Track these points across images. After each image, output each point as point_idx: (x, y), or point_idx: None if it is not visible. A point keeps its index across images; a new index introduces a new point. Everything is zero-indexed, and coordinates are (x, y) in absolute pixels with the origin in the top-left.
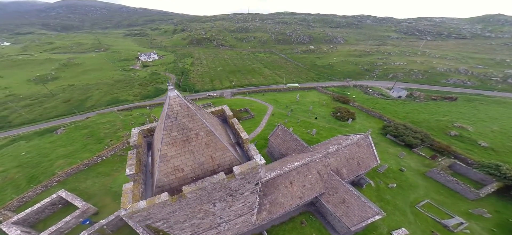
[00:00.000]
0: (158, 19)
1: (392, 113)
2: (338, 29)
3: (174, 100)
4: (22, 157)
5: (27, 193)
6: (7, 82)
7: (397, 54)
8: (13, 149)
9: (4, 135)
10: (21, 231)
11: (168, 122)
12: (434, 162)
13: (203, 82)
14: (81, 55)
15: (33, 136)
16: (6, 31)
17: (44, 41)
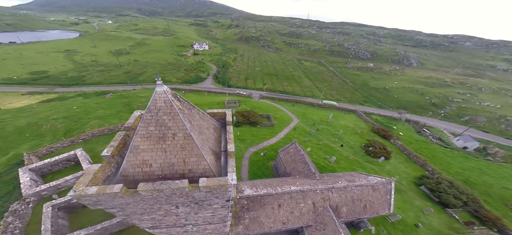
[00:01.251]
0: (220, 13)
1: (442, 165)
2: (415, 49)
3: (159, 95)
4: (72, 111)
5: (55, 144)
6: (96, 51)
7: (491, 92)
8: (70, 102)
9: (74, 90)
10: (31, 178)
11: (148, 115)
12: (466, 229)
13: (238, 79)
14: (152, 37)
15: (91, 95)
16: (113, 12)
17: (132, 22)
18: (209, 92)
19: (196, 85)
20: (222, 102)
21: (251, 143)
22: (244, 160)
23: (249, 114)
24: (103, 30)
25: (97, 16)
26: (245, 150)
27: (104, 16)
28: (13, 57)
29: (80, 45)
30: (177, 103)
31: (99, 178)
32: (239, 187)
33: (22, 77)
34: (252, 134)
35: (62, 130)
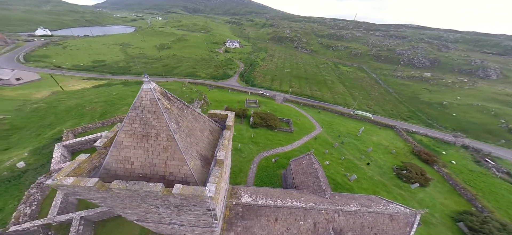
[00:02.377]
0: (256, 12)
1: (500, 203)
2: (500, 58)
3: (146, 92)
4: (111, 96)
5: (89, 124)
6: (144, 45)
7: None
8: (113, 89)
9: (120, 78)
10: (61, 154)
11: (133, 112)
12: None
13: (264, 79)
14: (191, 33)
15: (132, 83)
16: (163, 9)
17: (176, 19)
18: (232, 89)
19: (222, 81)
20: (243, 101)
21: (264, 147)
22: (253, 164)
23: (268, 116)
24: (153, 26)
25: (151, 13)
26: (256, 154)
27: (156, 13)
28: (84, 48)
29: (133, 39)
30: (165, 102)
31: (84, 168)
32: (238, 193)
33: (86, 65)
34: (267, 138)
35: (99, 112)
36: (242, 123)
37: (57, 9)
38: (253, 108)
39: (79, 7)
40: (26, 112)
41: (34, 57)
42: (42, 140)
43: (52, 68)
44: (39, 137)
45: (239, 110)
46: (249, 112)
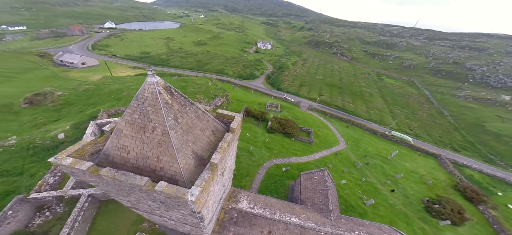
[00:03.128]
0: (295, 14)
1: None
2: None
3: (148, 85)
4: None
5: (122, 108)
6: (184, 40)
7: None
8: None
9: (159, 69)
10: (93, 131)
11: (135, 103)
12: None
13: (291, 84)
14: (227, 31)
15: (166, 75)
16: (206, 7)
17: (216, 17)
18: (256, 90)
19: (247, 81)
20: (264, 104)
21: (277, 154)
22: (262, 169)
23: (287, 123)
24: (195, 22)
25: (195, 10)
26: (267, 159)
27: (200, 10)
28: (136, 40)
29: (176, 34)
30: (167, 96)
31: (87, 150)
32: (238, 197)
33: (135, 55)
34: (282, 145)
35: (132, 98)
36: (258, 126)
37: (123, 5)
38: (273, 112)
39: (140, 4)
40: (79, 91)
41: (98, 46)
42: (83, 117)
43: (109, 56)
44: (81, 113)
45: (258, 113)
46: (268, 116)
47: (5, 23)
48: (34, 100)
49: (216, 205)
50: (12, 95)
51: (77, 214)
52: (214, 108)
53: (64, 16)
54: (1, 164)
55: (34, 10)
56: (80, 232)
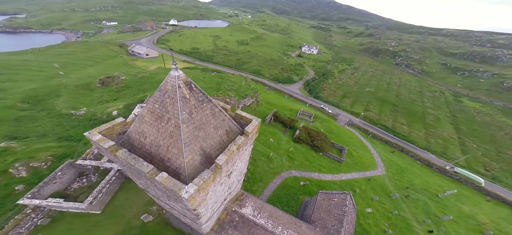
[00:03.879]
0: (354, 19)
1: None
2: None
3: (171, 78)
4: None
5: None
6: (229, 39)
7: None
8: (192, 72)
9: (203, 64)
10: (134, 114)
11: (158, 94)
12: None
13: (333, 93)
14: (270, 33)
15: (208, 70)
16: (254, 8)
17: (262, 18)
18: (290, 96)
19: (283, 85)
20: (296, 111)
21: (298, 166)
22: (278, 178)
23: (318, 135)
24: (242, 22)
25: (244, 11)
26: (286, 169)
27: (248, 11)
28: (191, 36)
29: (223, 33)
30: (185, 91)
31: (116, 130)
32: (244, 200)
33: (186, 50)
34: (306, 158)
35: None
36: (284, 133)
37: (186, 4)
38: (304, 121)
39: (199, 4)
40: (137, 77)
41: (161, 40)
42: (134, 99)
43: (166, 50)
44: (134, 96)
45: (287, 119)
46: (297, 124)
47: (105, 19)
48: (105, 81)
49: (218, 205)
50: (93, 75)
51: (103, 186)
52: (242, 107)
53: (143, 13)
54: (69, 129)
55: (125, 8)
56: (100, 203)
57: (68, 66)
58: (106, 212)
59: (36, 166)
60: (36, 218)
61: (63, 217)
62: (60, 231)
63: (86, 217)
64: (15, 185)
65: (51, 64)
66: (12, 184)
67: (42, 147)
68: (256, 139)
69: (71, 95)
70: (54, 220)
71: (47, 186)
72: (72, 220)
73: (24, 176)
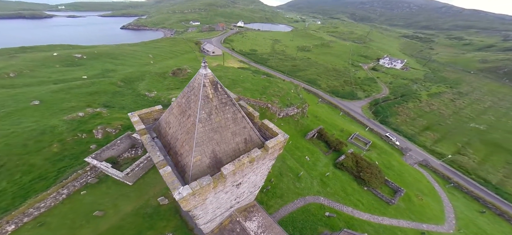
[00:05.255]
0: (483, 28)
1: None
2: None
3: (200, 76)
4: (238, 77)
5: None
6: (289, 44)
7: None
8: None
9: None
10: None
11: (186, 89)
12: None
13: (410, 122)
14: (340, 41)
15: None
16: (327, 14)
17: (334, 25)
18: (347, 114)
19: (342, 100)
20: (349, 133)
21: (330, 194)
22: (300, 200)
23: (369, 167)
24: (308, 28)
25: (314, 16)
26: (313, 194)
27: (319, 17)
28: (252, 38)
29: (284, 37)
30: (210, 90)
31: (153, 116)
32: (253, 213)
33: (245, 51)
34: (343, 188)
35: (225, 84)
36: (326, 155)
37: (254, 8)
38: (356, 148)
39: (267, 7)
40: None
41: (227, 40)
42: None
43: (229, 49)
44: None
45: (334, 140)
46: (345, 149)
47: (192, 19)
48: (175, 72)
49: (221, 211)
50: (170, 66)
51: (141, 161)
52: (283, 116)
53: (220, 15)
54: (140, 107)
55: (208, 10)
56: (134, 176)
57: (157, 57)
58: (135, 186)
59: (109, 131)
60: (90, 176)
61: (106, 180)
62: (98, 193)
63: (120, 185)
64: (91, 144)
65: (148, 55)
66: (90, 143)
67: (118, 117)
68: (290, 153)
69: (151, 80)
70: (100, 181)
71: (107, 151)
72: (110, 185)
73: (99, 138)
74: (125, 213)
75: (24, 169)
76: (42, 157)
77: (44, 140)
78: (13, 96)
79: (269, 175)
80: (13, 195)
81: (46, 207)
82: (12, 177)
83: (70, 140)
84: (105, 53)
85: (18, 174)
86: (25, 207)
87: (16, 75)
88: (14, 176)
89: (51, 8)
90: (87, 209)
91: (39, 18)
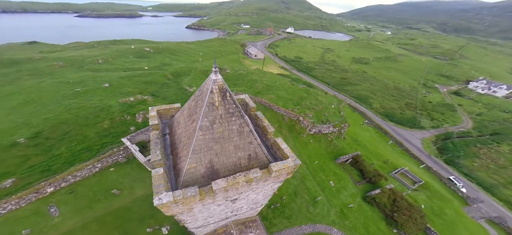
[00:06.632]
0: None
1: None
2: None
3: (209, 81)
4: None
5: (239, 93)
6: (344, 54)
7: None
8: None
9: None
10: None
11: (197, 92)
12: None
13: (495, 170)
14: (415, 55)
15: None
16: (404, 24)
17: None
18: (400, 144)
19: (396, 126)
20: (394, 167)
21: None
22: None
23: (408, 210)
24: (373, 38)
25: (384, 26)
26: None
27: (391, 27)
28: (300, 45)
29: (339, 47)
30: (217, 98)
31: (171, 113)
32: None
33: (289, 58)
34: (365, 226)
35: (258, 89)
36: (357, 185)
37: (310, 15)
38: (398, 184)
39: (324, 14)
40: (236, 73)
41: (272, 45)
42: None
43: (272, 54)
44: None
45: (372, 171)
46: (383, 183)
47: (243, 22)
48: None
49: (215, 220)
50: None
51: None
52: (314, 133)
53: (270, 20)
54: (179, 100)
55: (259, 14)
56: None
57: (206, 55)
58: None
59: (148, 117)
60: (121, 155)
61: (132, 162)
62: (122, 172)
63: (142, 169)
64: (131, 126)
65: (198, 53)
66: (131, 125)
67: (159, 104)
68: (313, 174)
69: (194, 76)
70: (128, 162)
71: (140, 135)
72: (134, 168)
73: (139, 122)
74: (137, 196)
75: (79, 139)
76: (94, 130)
77: (100, 116)
78: (94, 78)
79: (282, 192)
80: (65, 160)
81: (81, 177)
82: (70, 144)
83: (118, 119)
84: (167, 48)
85: (74, 142)
86: (66, 173)
87: (103, 61)
88: (71, 143)
89: (143, 9)
90: (109, 185)
91: (134, 17)
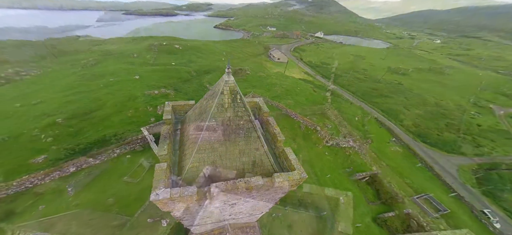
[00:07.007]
0: None
1: None
2: None
3: (222, 82)
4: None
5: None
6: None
7: None
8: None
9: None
10: None
11: (210, 92)
12: None
13: None
14: (467, 67)
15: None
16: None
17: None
18: (430, 168)
19: (430, 149)
20: (417, 192)
21: None
22: None
23: None
24: (416, 47)
25: (432, 33)
26: None
27: (439, 34)
28: (328, 51)
29: (373, 55)
30: (227, 99)
31: (185, 109)
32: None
33: (314, 63)
34: None
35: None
36: (370, 204)
37: (343, 19)
38: (419, 210)
39: (360, 19)
40: (256, 75)
41: (298, 49)
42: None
43: (296, 58)
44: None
45: (390, 193)
46: (400, 206)
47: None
48: (236, 71)
49: (212, 220)
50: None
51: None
52: (330, 145)
53: (298, 23)
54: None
55: (287, 18)
56: None
57: (229, 55)
58: None
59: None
60: (138, 143)
61: (148, 151)
62: (137, 160)
63: (155, 159)
64: (152, 117)
65: (222, 52)
66: (152, 116)
67: (180, 98)
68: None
69: (214, 75)
70: (144, 150)
71: (158, 126)
72: (148, 157)
73: (160, 113)
74: (145, 186)
75: (106, 124)
76: (120, 117)
77: (127, 105)
78: (127, 70)
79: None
80: (90, 142)
81: (100, 160)
82: (97, 127)
83: (141, 109)
84: (194, 46)
85: (101, 126)
86: (88, 155)
87: (137, 56)
88: (98, 127)
89: (178, 8)
90: (122, 172)
91: (170, 16)
